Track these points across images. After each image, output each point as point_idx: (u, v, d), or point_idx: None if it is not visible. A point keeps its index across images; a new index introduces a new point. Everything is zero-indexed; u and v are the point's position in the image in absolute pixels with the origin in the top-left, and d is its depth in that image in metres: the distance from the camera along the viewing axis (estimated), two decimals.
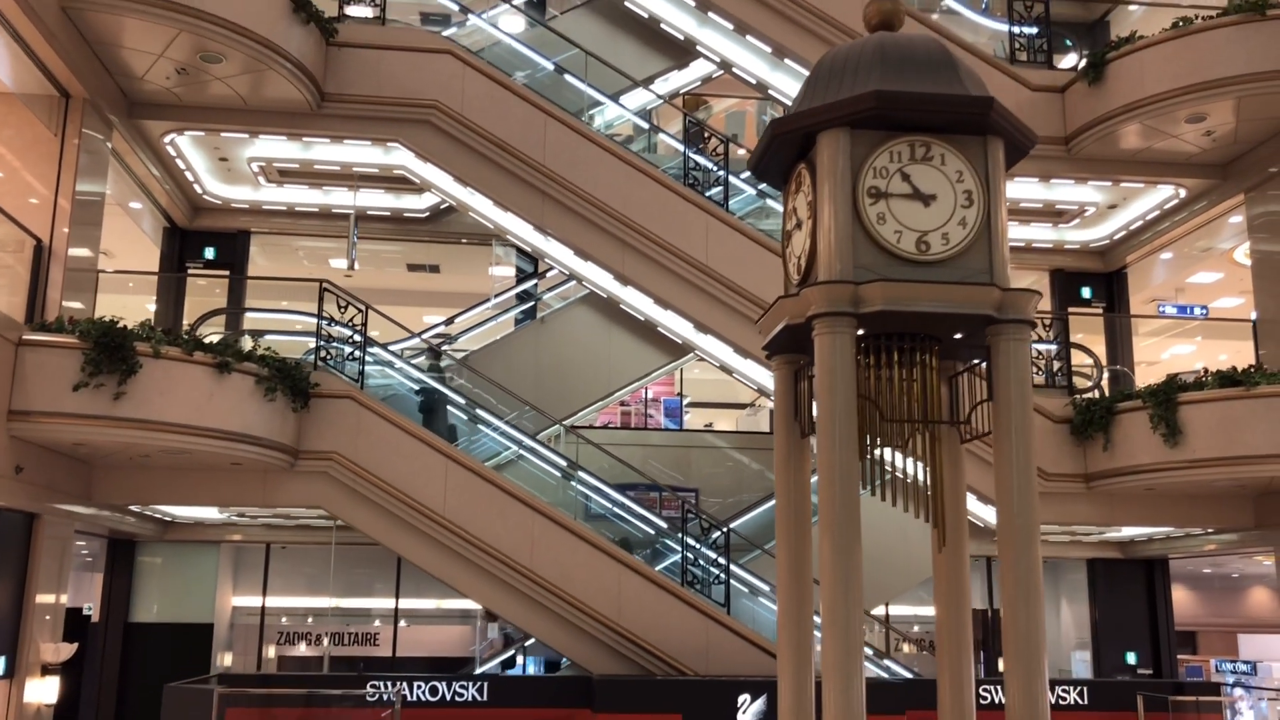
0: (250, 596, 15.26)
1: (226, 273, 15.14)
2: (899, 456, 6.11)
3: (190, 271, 15.39)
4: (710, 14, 13.85)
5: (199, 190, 14.57)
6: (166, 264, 15.25)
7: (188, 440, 10.32)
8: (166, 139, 13.00)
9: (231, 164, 14.05)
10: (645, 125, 14.72)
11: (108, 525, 13.02)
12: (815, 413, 5.82)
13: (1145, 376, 19.52)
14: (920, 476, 6.16)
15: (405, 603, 15.20)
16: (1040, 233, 16.03)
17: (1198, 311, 17.63)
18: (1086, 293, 16.82)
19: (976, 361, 6.22)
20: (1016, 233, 15.99)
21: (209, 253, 15.33)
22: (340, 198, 14.88)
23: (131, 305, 15.94)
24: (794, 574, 6.28)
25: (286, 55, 11.63)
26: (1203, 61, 12.13)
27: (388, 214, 15.41)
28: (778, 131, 6.21)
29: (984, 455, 12.50)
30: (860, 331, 5.98)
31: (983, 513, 12.85)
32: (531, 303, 15.47)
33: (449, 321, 15.05)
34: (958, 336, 6.11)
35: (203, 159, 13.89)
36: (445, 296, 17.56)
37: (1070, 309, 16.95)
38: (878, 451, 6.00)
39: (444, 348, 14.79)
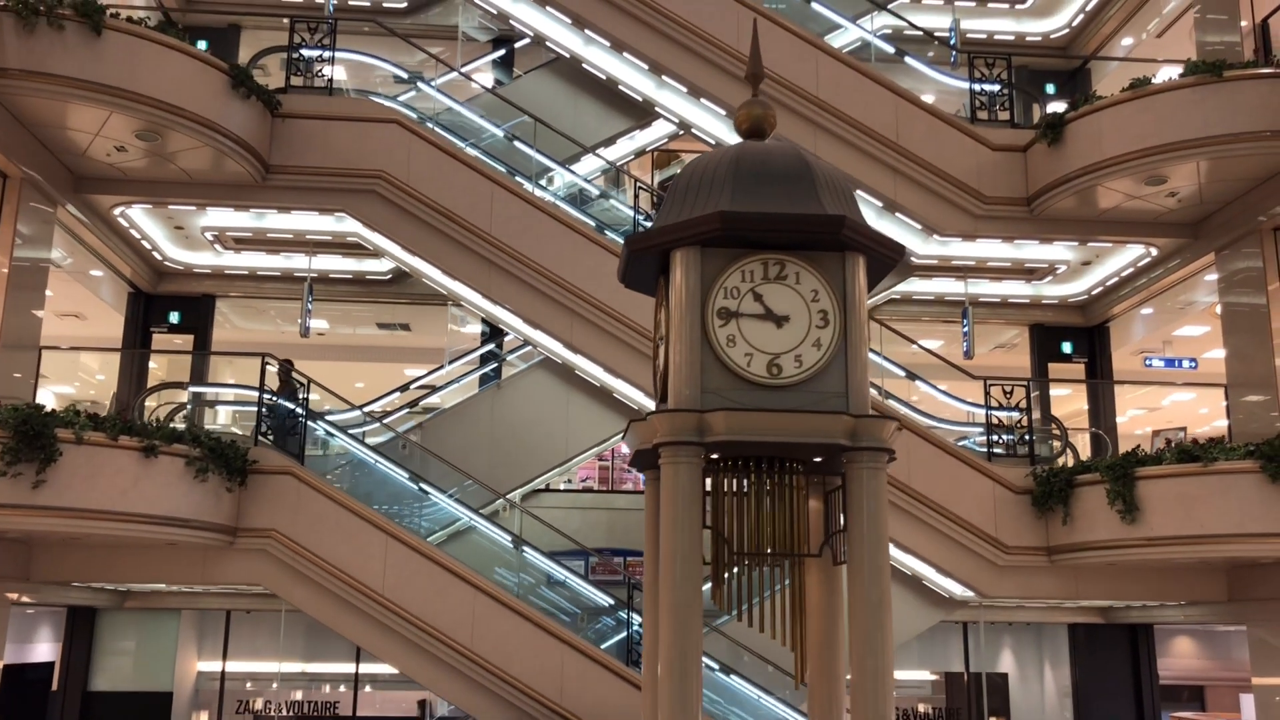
0: (211, 662, 15.16)
1: (184, 338, 15.13)
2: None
3: (155, 336, 15.40)
4: (664, 77, 13.68)
5: (159, 257, 14.60)
6: (130, 329, 15.27)
7: (112, 526, 10.23)
8: (117, 211, 13.02)
9: (188, 232, 14.06)
10: (594, 191, 14.55)
11: (59, 598, 12.98)
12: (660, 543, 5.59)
13: (1144, 423, 19.12)
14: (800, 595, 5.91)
15: (365, 667, 15.03)
16: (1016, 288, 15.67)
17: (1186, 364, 17.15)
18: (1067, 348, 16.41)
19: None
20: (991, 288, 15.66)
21: (174, 317, 15.33)
22: (301, 262, 14.85)
23: (109, 365, 16.06)
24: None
25: (226, 132, 11.60)
26: (1161, 124, 11.79)
27: (350, 276, 15.34)
28: (631, 250, 6.01)
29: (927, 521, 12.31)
30: (715, 455, 5.77)
31: (942, 581, 12.51)
32: (496, 363, 15.32)
33: (404, 388, 14.91)
34: (817, 460, 5.87)
35: (159, 228, 13.90)
36: (418, 353, 17.46)
37: (1050, 364, 16.60)
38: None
39: (400, 411, 14.69)
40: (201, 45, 15.54)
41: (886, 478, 5.69)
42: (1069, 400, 17.58)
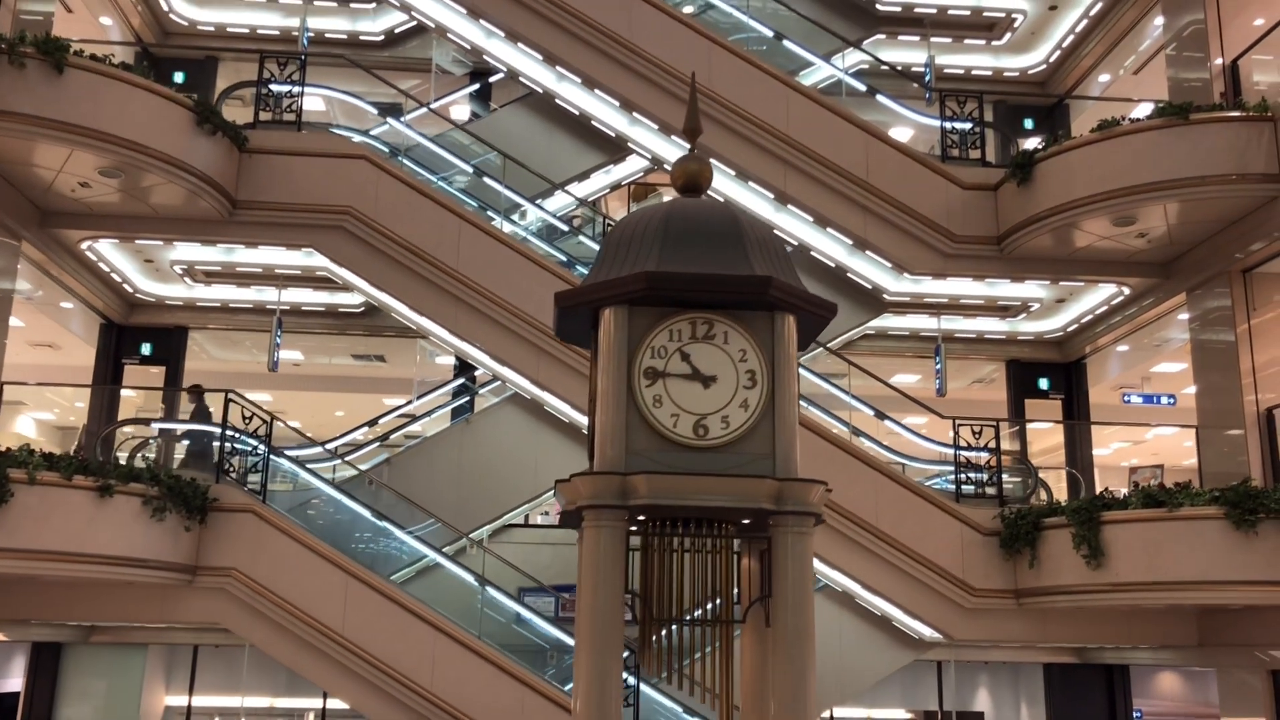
0: (178, 697, 15.02)
1: (156, 369, 15.06)
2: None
3: (127, 367, 15.35)
4: (635, 114, 13.68)
5: (130, 290, 14.56)
6: (102, 360, 15.21)
7: (66, 567, 10.16)
8: (84, 245, 12.99)
9: (158, 265, 14.03)
10: (563, 227, 14.51)
11: (20, 635, 12.87)
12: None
13: (1130, 454, 19.02)
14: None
15: (333, 703, 14.84)
16: (992, 324, 15.62)
17: (1165, 400, 17.07)
18: (1044, 384, 16.35)
19: None
20: (966, 324, 15.61)
21: (145, 348, 15.29)
22: (272, 295, 14.80)
23: (84, 392, 15.97)
24: None
25: (190, 169, 11.58)
26: (1128, 165, 11.77)
27: (323, 309, 15.30)
28: (560, 306, 5.95)
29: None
30: (642, 516, 5.70)
31: (910, 622, 12.39)
32: (468, 397, 15.25)
33: (373, 423, 14.84)
34: (745, 522, 5.79)
35: (129, 261, 13.88)
36: (396, 383, 17.41)
37: (1027, 400, 16.53)
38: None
39: (372, 444, 14.61)
40: (179, 77, 15.75)
41: (813, 541, 5.61)
42: (1047, 435, 17.51)
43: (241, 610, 11.61)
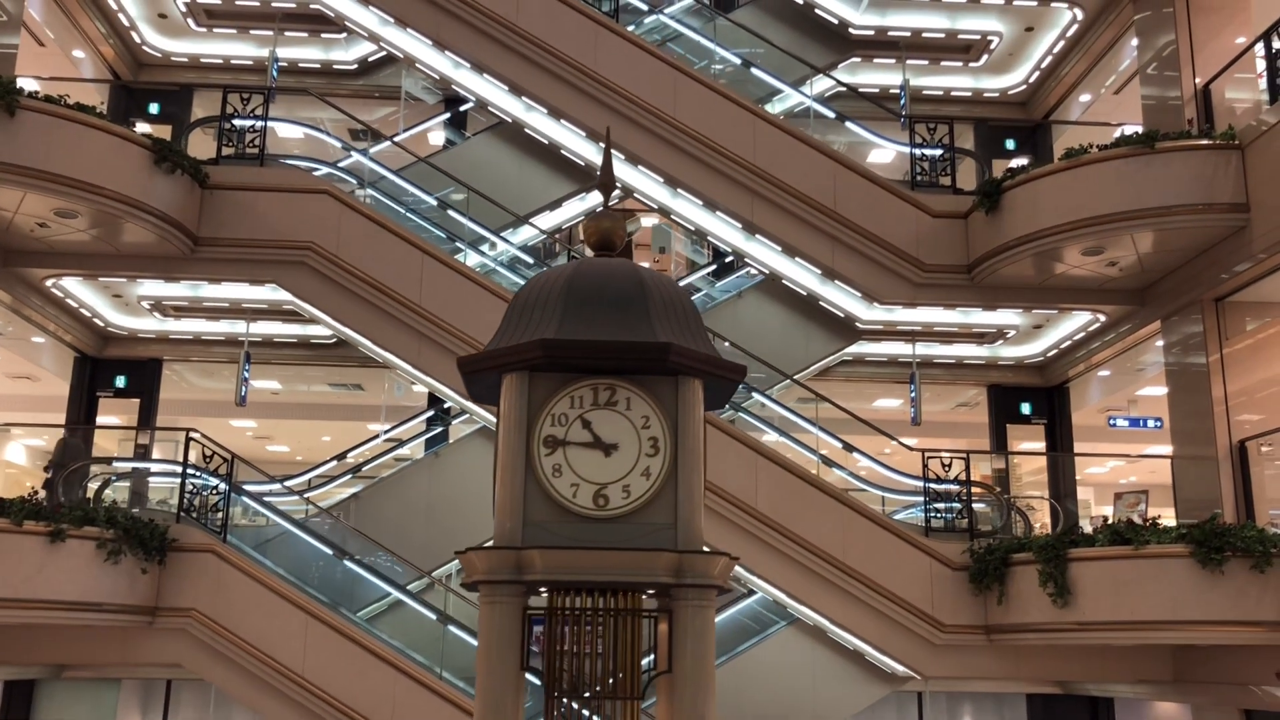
0: None
1: (129, 403, 15.03)
2: None
3: (102, 400, 15.33)
4: (599, 144, 13.56)
5: (101, 324, 14.54)
6: (76, 393, 15.19)
7: (15, 615, 10.11)
8: (49, 283, 12.97)
9: (127, 300, 14.00)
10: (529, 259, 14.42)
11: None
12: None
13: (1127, 472, 18.74)
14: None
15: None
16: (971, 350, 15.44)
17: (1151, 424, 16.83)
18: (1026, 409, 16.13)
19: None
20: (945, 350, 15.43)
21: (120, 381, 15.26)
22: (244, 326, 14.75)
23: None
24: None
25: (148, 209, 11.55)
26: (1094, 195, 11.58)
27: (296, 340, 15.24)
28: (463, 372, 5.84)
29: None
30: (543, 588, 5.58)
31: (881, 657, 12.22)
32: (442, 427, 15.15)
33: (341, 456, 14.75)
34: (649, 593, 5.66)
35: (97, 296, 13.85)
36: (375, 410, 17.33)
37: (1009, 425, 16.32)
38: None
39: (345, 476, 14.53)
40: (154, 108, 15.74)
41: (714, 614, 5.47)
42: (1031, 459, 17.28)
43: (201, 651, 11.54)
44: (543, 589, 5.57)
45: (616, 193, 14.60)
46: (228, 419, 18.65)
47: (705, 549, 5.46)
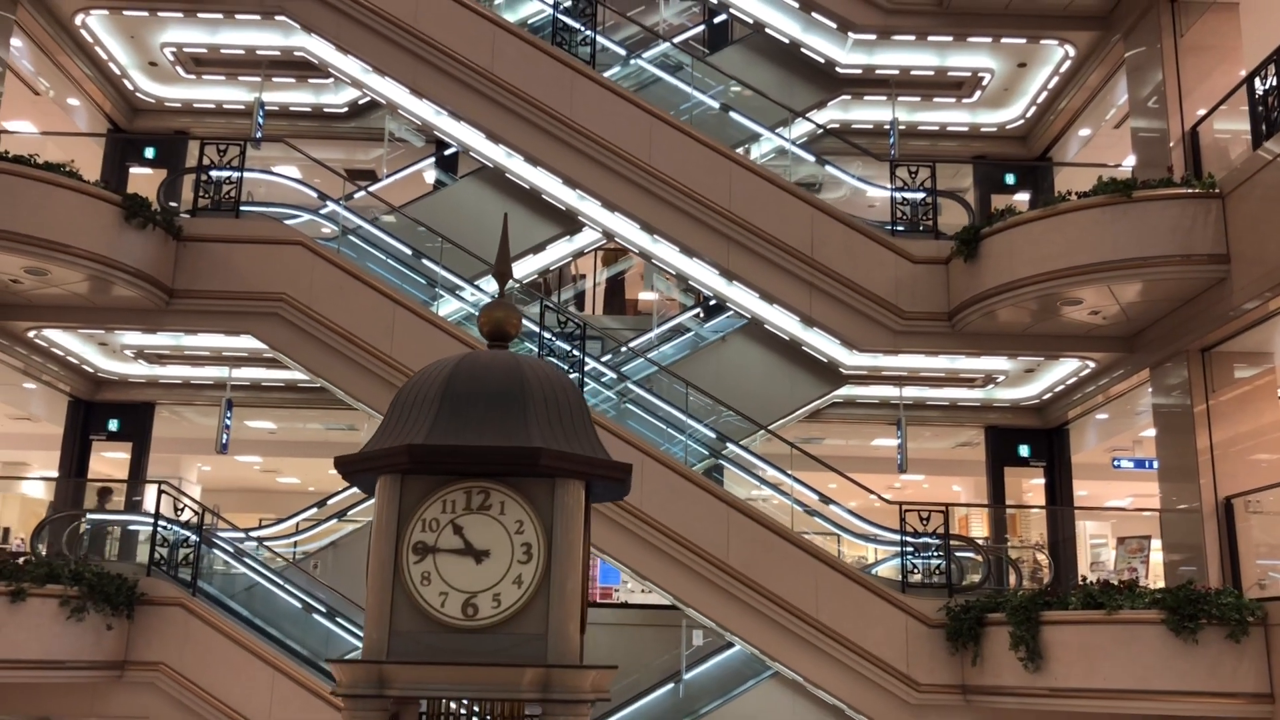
0: None
1: (128, 448, 15.20)
2: None
3: (95, 443, 15.52)
4: (577, 190, 13.50)
5: (91, 370, 14.71)
6: (70, 436, 15.39)
7: None
8: (31, 334, 13.14)
9: (112, 348, 14.15)
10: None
11: None
12: None
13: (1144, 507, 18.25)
14: None
15: None
16: (965, 393, 15.12)
17: (1155, 465, 16.38)
18: (1024, 451, 15.77)
19: None
20: (938, 393, 15.14)
21: (112, 425, 15.44)
22: (230, 371, 14.86)
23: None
24: None
25: (119, 265, 11.64)
26: (1071, 245, 11.27)
27: (283, 384, 15.32)
28: (341, 474, 5.74)
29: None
30: None
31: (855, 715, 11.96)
32: None
33: (322, 503, 14.76)
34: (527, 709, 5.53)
35: (83, 345, 14.01)
36: None
37: (1007, 467, 15.97)
38: None
39: (330, 520, 14.54)
40: (150, 152, 15.94)
41: None
42: (1037, 497, 16.88)
43: (170, 705, 11.57)
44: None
45: (597, 237, 14.56)
46: (233, 455, 18.80)
47: (575, 663, 5.32)
